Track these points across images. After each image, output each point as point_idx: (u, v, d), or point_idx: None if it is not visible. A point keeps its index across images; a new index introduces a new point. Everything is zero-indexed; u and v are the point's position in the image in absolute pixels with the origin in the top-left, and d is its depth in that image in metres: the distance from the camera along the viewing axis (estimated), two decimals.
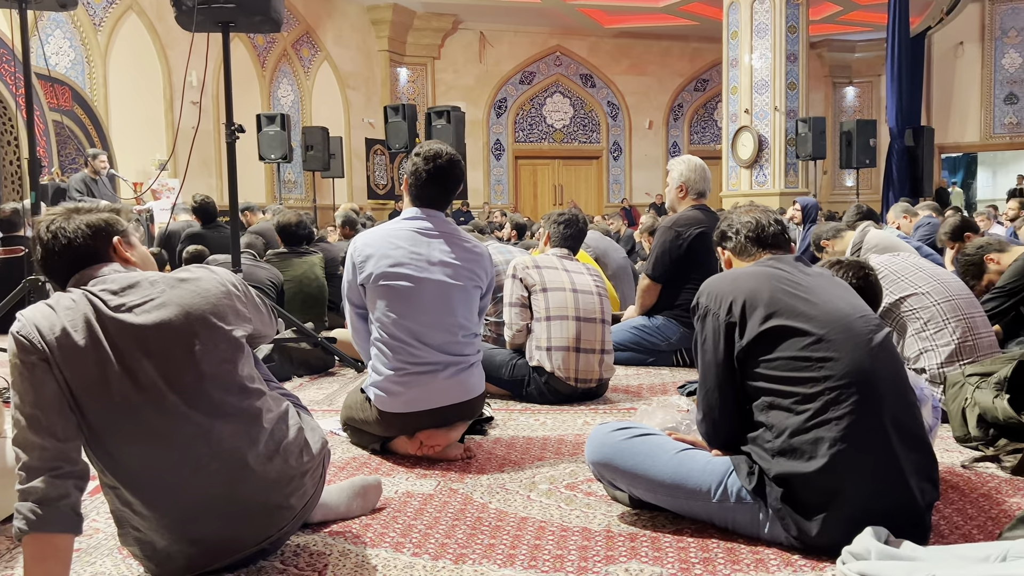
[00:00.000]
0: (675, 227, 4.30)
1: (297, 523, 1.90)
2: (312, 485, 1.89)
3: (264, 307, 1.98)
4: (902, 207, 7.33)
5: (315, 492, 1.92)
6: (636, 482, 2.11)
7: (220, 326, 1.77)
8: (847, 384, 1.87)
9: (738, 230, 2.22)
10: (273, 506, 1.80)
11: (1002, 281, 3.64)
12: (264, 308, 1.97)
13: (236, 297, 1.85)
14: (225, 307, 1.80)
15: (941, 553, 1.77)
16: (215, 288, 1.81)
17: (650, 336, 4.42)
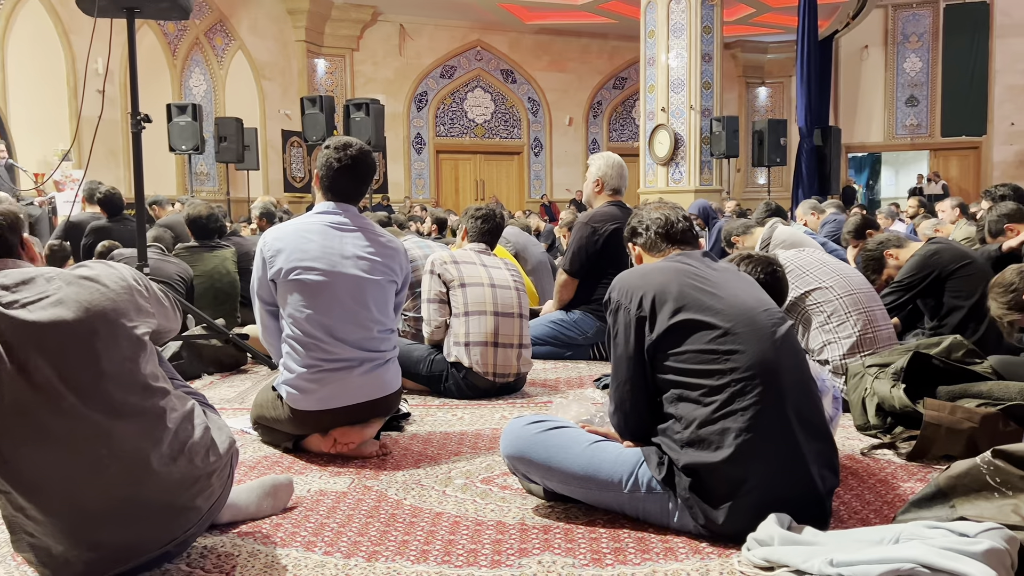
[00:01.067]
0: (591, 223, 4.35)
1: (203, 525, 1.85)
2: (219, 485, 1.85)
3: (168, 300, 1.92)
4: (809, 204, 7.60)
5: (222, 493, 1.88)
6: (550, 474, 2.13)
7: (121, 323, 1.71)
8: (752, 376, 1.93)
9: (648, 226, 2.26)
10: (178, 508, 1.75)
11: (900, 276, 3.81)
12: (168, 302, 1.92)
13: (137, 292, 1.79)
14: (126, 303, 1.74)
15: (839, 537, 1.85)
16: (115, 284, 1.75)
17: (567, 330, 4.46)
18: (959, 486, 1.85)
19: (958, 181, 17.45)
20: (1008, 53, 17.15)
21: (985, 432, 2.51)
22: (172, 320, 1.93)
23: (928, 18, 17.84)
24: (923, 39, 17.90)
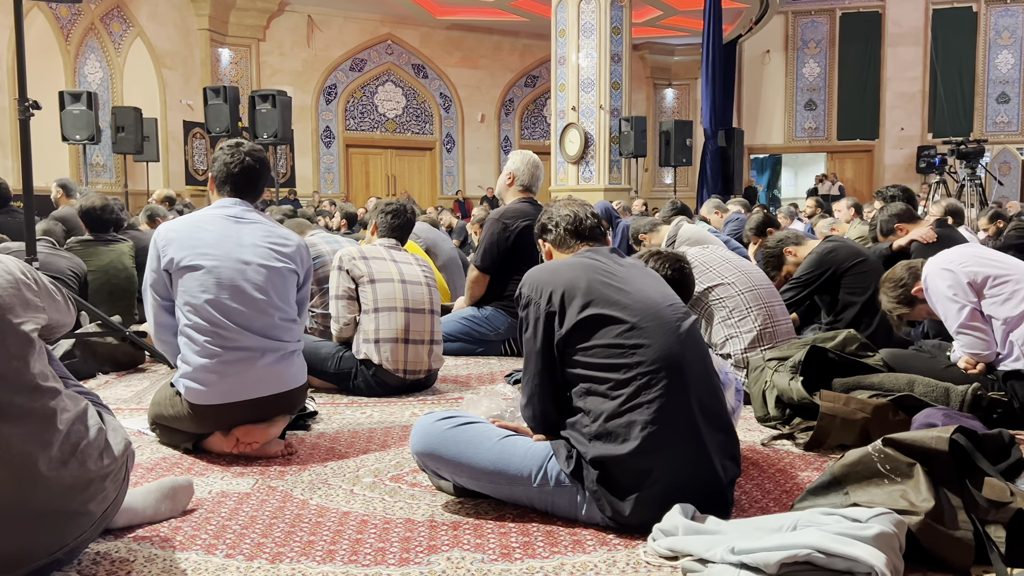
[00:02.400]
0: (503, 219, 4.36)
1: (97, 530, 1.77)
2: (114, 489, 1.77)
3: (60, 294, 1.83)
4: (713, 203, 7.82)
5: (117, 496, 1.80)
6: (460, 470, 2.12)
7: (8, 320, 1.62)
8: (657, 369, 1.97)
9: (557, 223, 2.28)
10: (69, 513, 1.67)
11: (799, 272, 3.95)
12: (60, 295, 1.83)
13: (25, 286, 1.70)
14: (12, 298, 1.65)
15: (740, 526, 1.91)
16: (1, 279, 1.65)
17: (479, 326, 4.46)
18: (852, 474, 1.93)
19: (853, 182, 18.25)
20: (898, 61, 18.04)
21: (877, 422, 2.64)
22: (65, 314, 1.84)
23: (825, 25, 18.60)
24: (821, 45, 18.65)
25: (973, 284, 2.92)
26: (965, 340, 2.94)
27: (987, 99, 17.72)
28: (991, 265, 2.98)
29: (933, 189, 10.77)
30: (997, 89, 17.69)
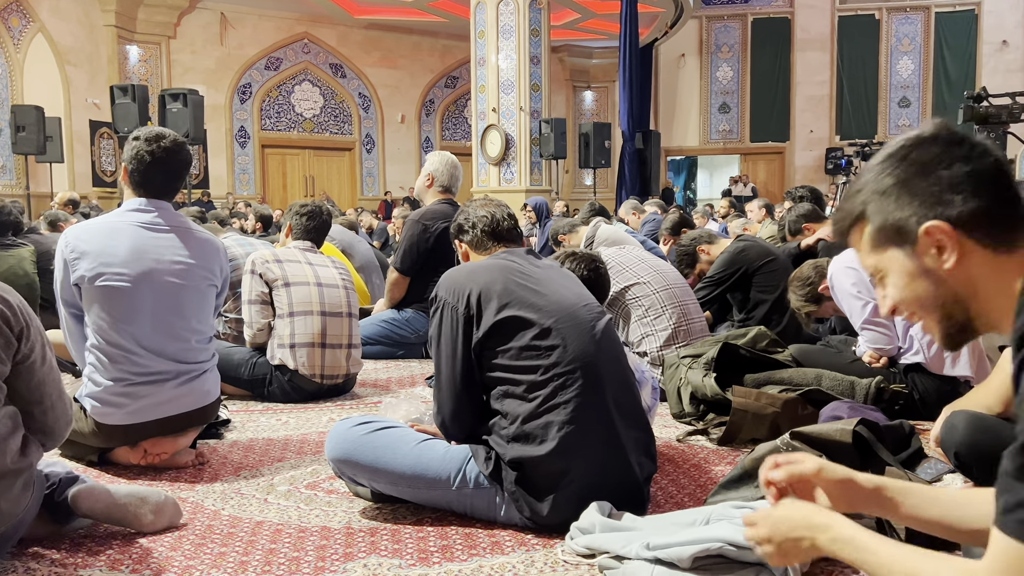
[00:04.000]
0: (422, 220, 4.34)
1: None
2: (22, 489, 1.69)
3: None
4: (631, 204, 7.95)
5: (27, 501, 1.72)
6: (377, 476, 2.10)
7: None
8: (573, 370, 1.99)
9: (474, 224, 2.28)
10: None
11: (711, 271, 4.05)
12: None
13: None
14: None
15: (656, 521, 1.94)
16: None
17: (399, 329, 4.43)
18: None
19: (765, 183, 18.82)
20: (807, 66, 18.68)
21: (786, 416, 2.72)
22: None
23: (738, 30, 19.12)
24: (734, 50, 19.17)
25: None
26: (869, 335, 3.06)
27: (890, 103, 18.51)
28: None
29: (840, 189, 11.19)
30: (899, 94, 18.50)
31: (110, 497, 1.95)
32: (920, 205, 1.01)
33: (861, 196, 1.08)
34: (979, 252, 1.00)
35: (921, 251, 1.02)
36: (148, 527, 1.99)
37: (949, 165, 1.01)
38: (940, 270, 1.02)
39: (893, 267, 1.06)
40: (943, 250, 1.01)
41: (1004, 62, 17.52)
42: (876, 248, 1.08)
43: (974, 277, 1.01)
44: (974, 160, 1.00)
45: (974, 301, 0.99)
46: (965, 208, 0.99)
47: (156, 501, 2.01)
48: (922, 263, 1.03)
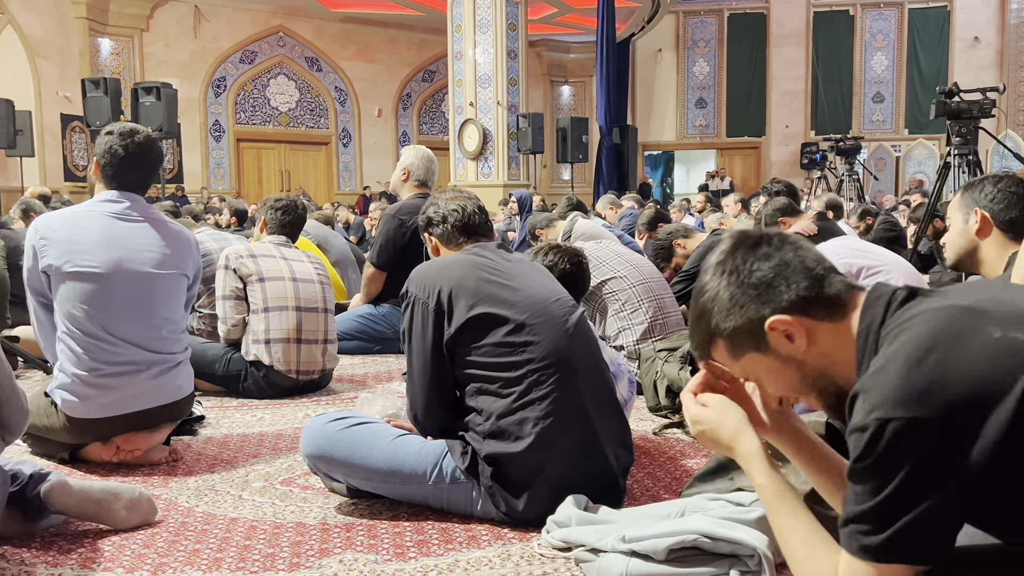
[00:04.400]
0: (399, 215, 4.32)
1: None
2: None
3: None
4: (608, 199, 7.97)
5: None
6: (353, 471, 2.09)
7: None
8: (547, 366, 1.99)
9: (445, 217, 2.26)
10: None
11: (687, 265, 4.07)
12: None
13: None
14: None
15: (631, 514, 1.95)
16: None
17: (376, 324, 4.41)
18: None
19: (742, 178, 18.92)
20: (782, 61, 18.80)
21: None
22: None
23: (714, 25, 19.20)
24: (710, 45, 19.25)
25: (849, 274, 3.07)
26: None
27: (864, 98, 18.68)
28: (865, 256, 3.14)
29: (815, 184, 11.28)
30: (873, 89, 18.66)
31: (83, 492, 1.93)
32: (756, 308, 1.12)
33: (705, 319, 1.18)
34: (821, 327, 1.11)
35: (775, 345, 1.12)
36: (121, 523, 1.97)
37: (761, 266, 1.12)
38: (798, 355, 1.12)
39: (759, 368, 1.16)
40: (792, 337, 1.10)
41: (976, 58, 17.73)
42: (738, 358, 1.17)
43: (826, 350, 1.11)
44: (776, 254, 1.12)
45: (835, 370, 1.07)
46: (790, 296, 1.10)
47: (130, 497, 1.99)
48: (780, 355, 1.12)
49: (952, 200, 2.35)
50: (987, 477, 0.92)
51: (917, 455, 0.93)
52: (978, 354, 0.93)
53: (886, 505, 0.95)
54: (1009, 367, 0.92)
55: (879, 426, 0.94)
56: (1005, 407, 0.91)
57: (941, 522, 0.94)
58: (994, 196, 2.20)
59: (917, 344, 0.96)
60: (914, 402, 0.92)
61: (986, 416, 0.91)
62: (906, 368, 0.94)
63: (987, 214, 2.20)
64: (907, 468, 0.93)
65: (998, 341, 0.94)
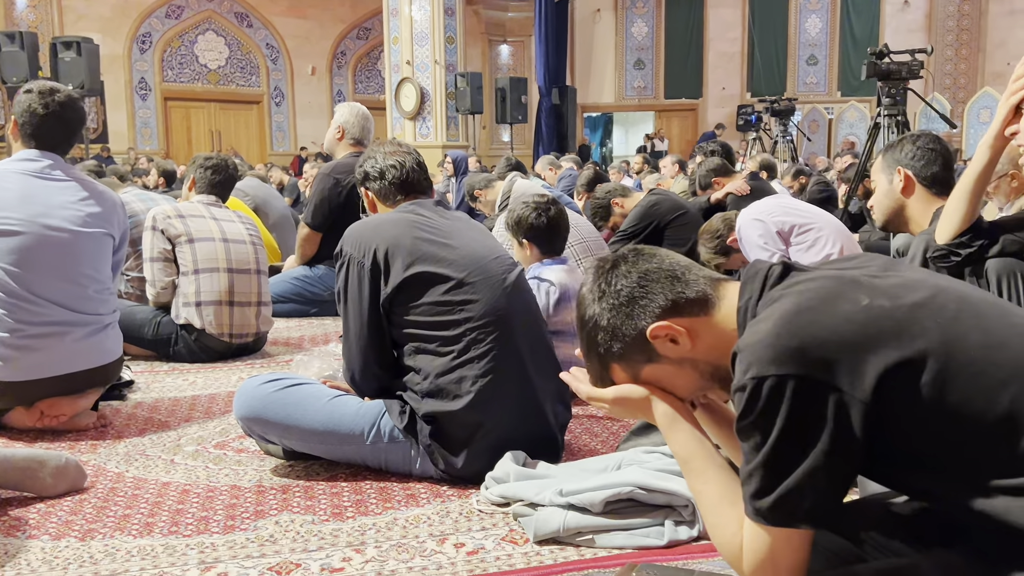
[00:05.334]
0: (334, 174, 4.24)
1: None
2: None
3: None
4: (548, 160, 7.97)
5: None
6: (289, 433, 2.07)
7: None
8: (486, 324, 1.99)
9: (382, 173, 2.22)
10: None
11: (625, 225, 4.11)
12: None
13: None
14: None
15: (569, 469, 1.98)
16: None
17: (312, 286, 4.35)
18: None
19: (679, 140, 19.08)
20: (719, 22, 18.91)
21: None
22: None
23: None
24: (648, 5, 19.23)
25: (781, 233, 3.14)
26: None
27: (798, 60, 18.94)
28: (797, 215, 3.21)
29: (750, 145, 11.45)
30: (807, 51, 18.93)
31: (6, 461, 1.87)
32: (634, 323, 1.15)
33: (595, 350, 1.20)
34: (699, 322, 1.14)
35: (663, 352, 1.16)
36: (48, 491, 1.92)
37: (625, 283, 1.16)
38: (687, 354, 1.15)
39: (659, 377, 1.19)
40: (676, 339, 1.14)
41: (905, 22, 18.11)
42: (637, 375, 1.21)
43: (712, 341, 1.14)
44: (635, 268, 1.16)
45: (726, 358, 1.08)
46: (660, 302, 1.14)
47: (56, 464, 1.93)
48: (671, 359, 1.16)
49: (875, 163, 2.40)
50: (866, 433, 0.96)
51: (792, 411, 0.96)
52: (846, 316, 0.97)
53: (770, 463, 0.98)
54: (873, 331, 0.96)
55: (755, 384, 0.97)
56: (871, 367, 0.95)
57: (826, 482, 0.97)
58: (914, 154, 2.26)
59: (790, 307, 1.00)
60: (786, 360, 0.96)
61: (855, 373, 0.95)
62: (779, 328, 0.98)
63: (910, 172, 2.26)
64: (783, 424, 0.96)
65: (865, 307, 0.98)
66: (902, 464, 1.01)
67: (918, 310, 0.99)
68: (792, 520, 0.99)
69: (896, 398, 0.95)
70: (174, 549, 1.68)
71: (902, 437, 0.98)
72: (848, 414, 0.95)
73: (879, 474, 1.06)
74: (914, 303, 0.99)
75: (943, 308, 0.99)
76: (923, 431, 0.97)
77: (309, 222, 4.29)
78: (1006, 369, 0.95)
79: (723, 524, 1.08)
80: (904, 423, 0.97)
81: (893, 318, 0.98)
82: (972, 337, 0.97)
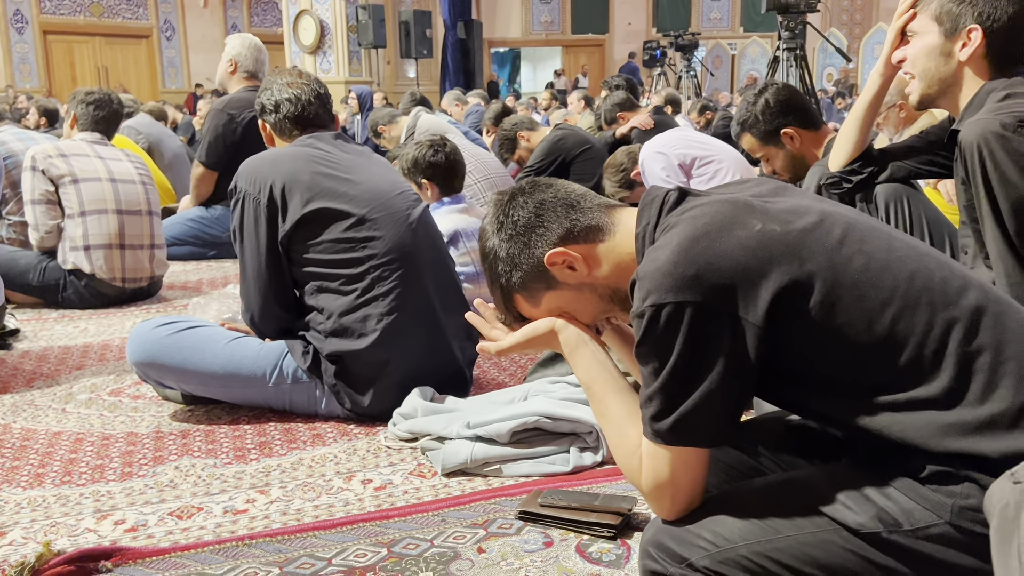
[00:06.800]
0: (227, 110, 4.06)
1: None
2: None
3: None
4: (454, 95, 7.85)
5: None
6: (187, 377, 2.02)
7: None
8: (390, 261, 1.96)
9: (278, 106, 2.13)
10: None
11: (531, 160, 4.09)
12: None
13: None
14: None
15: (477, 402, 1.99)
16: None
17: (209, 228, 4.21)
18: None
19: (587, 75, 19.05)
20: None
21: None
22: None
23: None
24: None
25: (683, 165, 3.18)
26: None
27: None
28: (698, 147, 3.26)
29: (655, 81, 11.52)
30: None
31: None
32: (531, 251, 1.16)
33: (498, 281, 1.21)
34: (595, 248, 1.16)
35: (561, 278, 1.17)
36: None
37: (521, 213, 1.17)
38: (586, 279, 1.17)
39: (560, 304, 1.20)
40: (573, 265, 1.15)
41: None
42: (537, 303, 1.21)
43: (610, 267, 1.16)
44: (531, 199, 1.18)
45: (625, 281, 1.11)
46: (555, 229, 1.16)
47: None
48: (570, 285, 1.17)
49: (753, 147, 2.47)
50: (760, 355, 1.00)
51: (690, 337, 0.99)
52: (740, 243, 1.00)
53: (668, 387, 1.01)
54: (765, 255, 0.99)
55: (654, 312, 1.00)
56: (764, 291, 0.98)
57: (722, 404, 1.01)
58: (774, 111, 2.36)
59: (687, 234, 1.02)
60: (684, 287, 0.98)
61: (749, 299, 0.98)
62: (676, 256, 1.00)
63: (792, 131, 2.35)
64: (680, 349, 0.99)
65: (759, 232, 1.01)
66: (793, 384, 1.05)
67: (807, 235, 1.01)
68: (690, 440, 1.03)
69: (787, 321, 0.98)
70: (67, 499, 1.62)
71: (793, 358, 1.01)
72: (743, 338, 0.98)
73: (772, 394, 1.10)
74: (803, 228, 1.02)
75: (829, 233, 1.02)
76: (812, 352, 1.00)
77: (203, 161, 4.12)
78: (886, 291, 0.99)
79: (624, 444, 1.11)
80: (795, 345, 1.00)
81: (784, 243, 1.00)
82: (856, 261, 1.00)
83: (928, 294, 0.99)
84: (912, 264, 1.02)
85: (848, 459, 1.10)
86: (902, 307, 0.98)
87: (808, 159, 2.39)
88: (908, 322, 0.98)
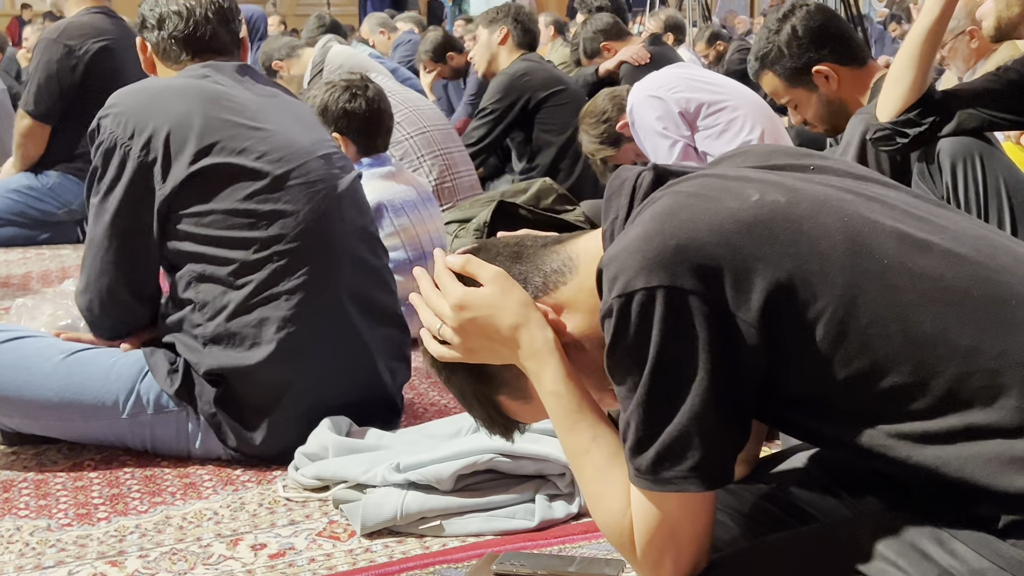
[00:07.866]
0: (63, 39, 4.10)
1: None
2: None
3: None
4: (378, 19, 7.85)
5: None
6: (9, 408, 2.03)
7: None
8: (301, 247, 1.96)
9: (161, 20, 2.12)
10: None
11: (485, 101, 4.10)
12: None
13: None
14: None
15: (409, 435, 2.01)
16: None
17: (39, 202, 4.27)
18: None
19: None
20: None
21: None
22: None
23: None
24: None
25: (685, 113, 3.21)
26: None
27: None
28: (706, 90, 3.29)
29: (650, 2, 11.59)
30: None
31: None
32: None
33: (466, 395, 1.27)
34: (555, 296, 1.17)
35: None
36: None
37: None
38: (565, 338, 1.15)
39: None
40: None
41: None
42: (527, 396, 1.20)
43: (583, 314, 1.15)
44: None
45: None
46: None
47: None
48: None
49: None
50: (757, 362, 1.00)
51: (665, 334, 0.98)
52: (732, 214, 1.01)
53: (646, 405, 1.01)
54: (764, 232, 1.00)
55: (623, 304, 1.00)
56: (761, 277, 0.98)
57: (717, 423, 1.00)
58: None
59: (664, 207, 1.04)
60: (657, 268, 0.98)
61: (739, 287, 0.98)
62: (648, 229, 1.01)
63: (827, 69, 2.39)
64: (656, 350, 0.99)
65: (756, 203, 1.02)
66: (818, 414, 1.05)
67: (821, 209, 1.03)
68: (680, 478, 1.01)
69: (787, 321, 0.99)
70: None
71: (798, 370, 1.02)
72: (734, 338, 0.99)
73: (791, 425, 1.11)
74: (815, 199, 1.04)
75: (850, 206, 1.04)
76: (819, 365, 1.00)
77: (31, 110, 4.17)
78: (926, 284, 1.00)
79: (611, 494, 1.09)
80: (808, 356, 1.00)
81: (789, 218, 1.01)
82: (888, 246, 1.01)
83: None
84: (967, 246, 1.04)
85: (897, 503, 1.12)
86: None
87: (849, 105, 2.42)
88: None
